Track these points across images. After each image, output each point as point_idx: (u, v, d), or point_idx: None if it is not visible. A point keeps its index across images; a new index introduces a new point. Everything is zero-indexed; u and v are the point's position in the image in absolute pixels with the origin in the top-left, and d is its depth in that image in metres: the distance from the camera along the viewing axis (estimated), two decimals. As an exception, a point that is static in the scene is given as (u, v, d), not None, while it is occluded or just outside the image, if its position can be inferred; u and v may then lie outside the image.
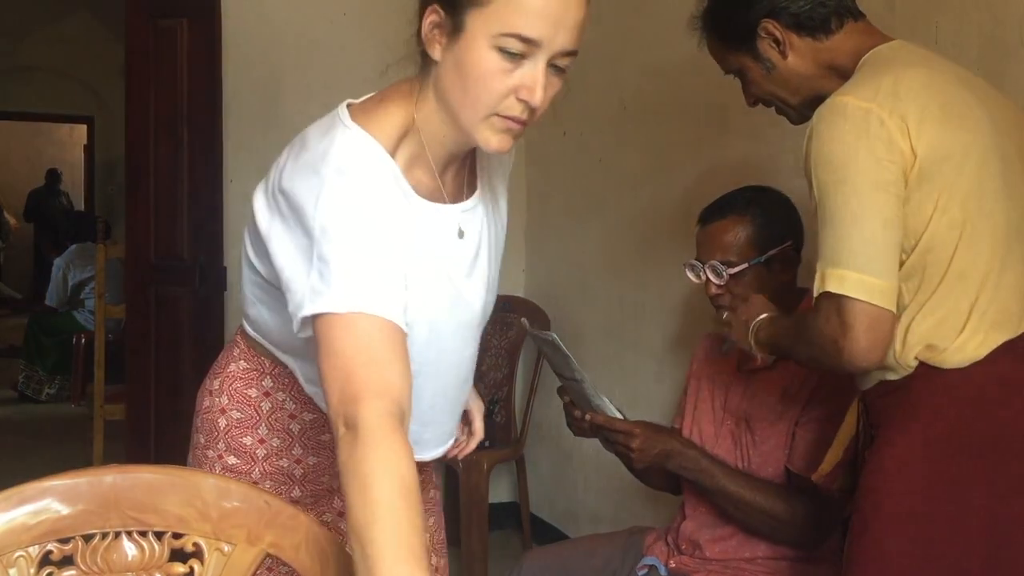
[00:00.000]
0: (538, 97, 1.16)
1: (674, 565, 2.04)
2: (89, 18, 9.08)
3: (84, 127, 10.74)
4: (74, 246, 6.70)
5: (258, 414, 1.43)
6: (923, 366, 1.42)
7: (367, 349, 1.10)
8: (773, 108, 1.68)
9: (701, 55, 1.80)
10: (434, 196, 1.29)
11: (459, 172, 1.35)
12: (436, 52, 1.20)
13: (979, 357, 1.39)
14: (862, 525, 1.48)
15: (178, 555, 1.17)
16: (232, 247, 3.39)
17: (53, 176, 10.96)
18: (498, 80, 1.16)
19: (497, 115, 1.18)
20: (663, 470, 1.99)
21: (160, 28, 3.45)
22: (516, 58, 1.15)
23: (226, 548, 1.17)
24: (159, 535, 1.17)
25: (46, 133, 11.77)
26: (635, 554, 2.12)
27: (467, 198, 1.35)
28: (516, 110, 1.18)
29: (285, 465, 1.44)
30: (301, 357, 1.36)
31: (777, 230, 1.96)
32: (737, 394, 2.00)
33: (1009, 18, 1.89)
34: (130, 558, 1.15)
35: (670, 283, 2.93)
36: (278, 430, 1.43)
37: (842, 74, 1.51)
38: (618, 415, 1.97)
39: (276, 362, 1.42)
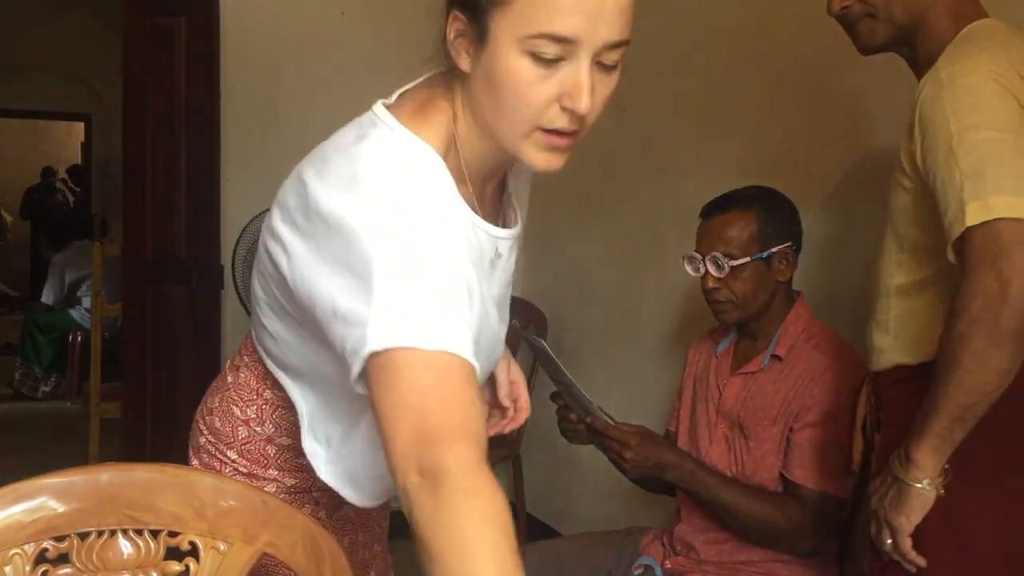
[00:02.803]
0: (584, 104, 1.00)
1: (670, 566, 2.04)
2: (87, 15, 9.06)
3: (82, 125, 10.73)
4: (72, 244, 6.70)
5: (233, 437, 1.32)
6: None
7: (445, 387, 0.92)
8: (858, 23, 1.54)
9: (699, 56, 1.79)
10: (481, 215, 1.16)
11: (496, 190, 1.21)
12: (465, 63, 1.05)
13: None
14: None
15: (174, 553, 1.17)
16: (229, 246, 3.39)
17: (49, 174, 10.95)
18: (535, 89, 1.00)
19: (541, 129, 1.03)
20: (658, 477, 1.99)
21: (158, 26, 3.44)
22: (553, 62, 0.99)
23: (222, 547, 1.17)
24: (155, 533, 1.17)
25: (43, 131, 11.75)
26: (631, 554, 2.12)
27: (504, 222, 1.22)
28: (562, 121, 1.02)
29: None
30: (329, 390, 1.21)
31: (780, 229, 1.96)
32: (731, 397, 2.00)
33: None
34: (126, 556, 1.15)
35: (668, 284, 2.93)
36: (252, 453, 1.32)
37: (936, 29, 1.47)
38: (609, 422, 1.96)
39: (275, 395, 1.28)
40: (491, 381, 1.46)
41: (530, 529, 3.74)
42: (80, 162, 10.89)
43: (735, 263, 1.93)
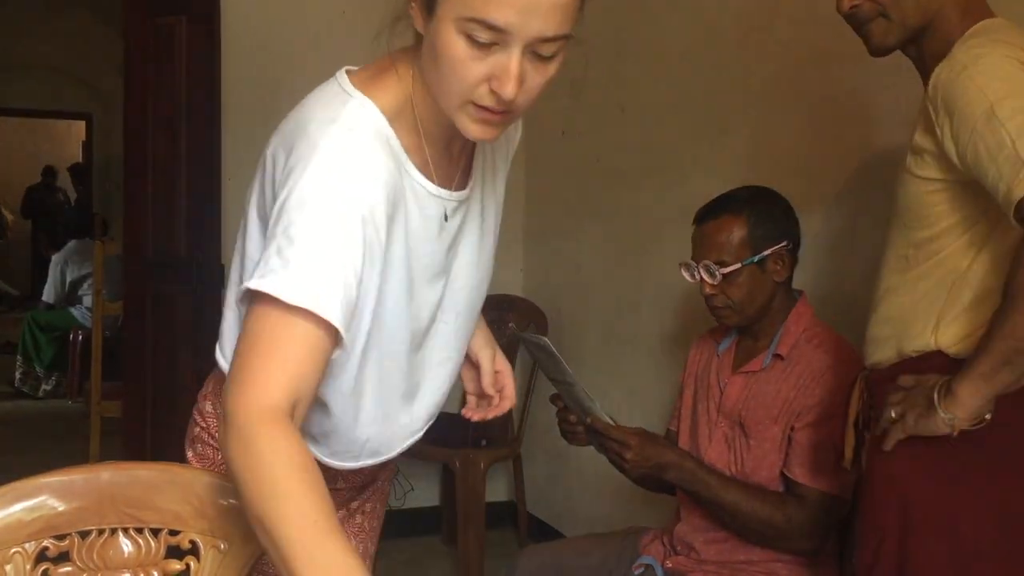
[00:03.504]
0: (509, 91, 1.03)
1: (670, 565, 2.04)
2: (88, 15, 9.06)
3: (83, 123, 10.74)
4: (72, 243, 6.70)
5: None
6: (942, 355, 1.43)
7: (278, 340, 1.01)
8: (869, 23, 1.52)
9: (699, 56, 1.78)
10: (428, 173, 1.20)
11: (458, 156, 1.24)
12: (419, 26, 1.10)
13: None
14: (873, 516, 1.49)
15: (175, 552, 1.17)
16: (229, 245, 3.39)
17: (50, 173, 10.96)
18: (468, 68, 1.04)
19: (472, 103, 1.07)
20: (658, 478, 1.99)
21: (159, 25, 3.45)
22: (486, 46, 1.02)
23: (222, 545, 1.17)
24: (155, 532, 1.17)
25: (44, 130, 11.75)
26: (631, 553, 2.12)
27: (457, 187, 1.24)
28: (490, 101, 1.06)
29: None
30: None
31: (772, 230, 1.95)
32: (732, 396, 2.00)
33: None
34: (126, 555, 1.16)
35: (668, 283, 2.93)
36: None
37: (945, 28, 1.47)
38: (609, 421, 1.97)
39: None
40: (475, 369, 1.48)
41: (530, 529, 3.75)
42: (81, 161, 10.90)
43: (726, 270, 1.93)
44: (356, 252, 1.07)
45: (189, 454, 1.39)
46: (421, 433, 1.38)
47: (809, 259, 2.19)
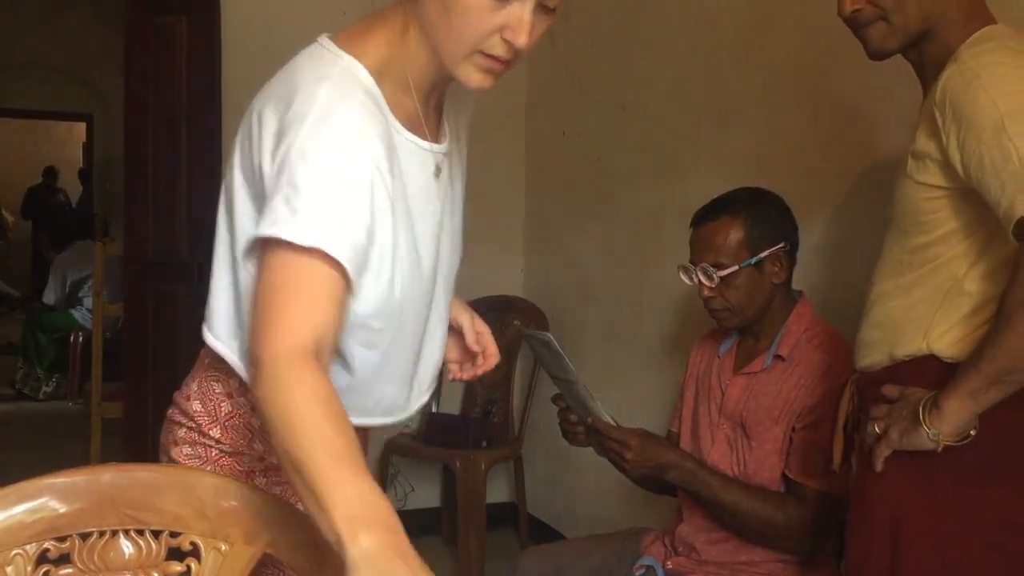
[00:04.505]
0: (523, 40, 1.11)
1: (671, 566, 2.04)
2: (89, 15, 9.07)
3: (83, 124, 10.74)
4: (74, 244, 6.70)
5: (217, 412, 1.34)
6: (935, 359, 1.43)
7: (298, 285, 1.05)
8: (869, 27, 1.49)
9: (702, 56, 1.78)
10: (415, 129, 1.23)
11: (434, 111, 1.28)
12: None
13: None
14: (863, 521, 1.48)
15: (175, 554, 1.17)
16: (230, 245, 3.39)
17: (50, 174, 10.96)
18: (483, 19, 1.11)
19: (480, 53, 1.13)
20: (659, 478, 1.99)
21: (160, 25, 3.45)
22: None
23: (223, 547, 1.17)
24: (156, 534, 1.17)
25: (45, 130, 11.75)
26: (632, 554, 2.12)
27: (439, 139, 1.29)
28: (500, 50, 1.13)
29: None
30: None
31: (770, 232, 1.95)
32: (733, 397, 2.00)
33: None
34: (127, 556, 1.16)
35: (668, 284, 2.93)
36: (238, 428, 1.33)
37: (947, 33, 1.45)
38: (610, 421, 1.96)
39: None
40: (457, 335, 1.50)
41: (531, 529, 3.75)
42: (82, 162, 10.90)
43: (724, 273, 1.93)
44: (363, 197, 1.11)
45: (173, 453, 1.35)
46: (428, 395, 1.40)
47: (812, 262, 2.19)
